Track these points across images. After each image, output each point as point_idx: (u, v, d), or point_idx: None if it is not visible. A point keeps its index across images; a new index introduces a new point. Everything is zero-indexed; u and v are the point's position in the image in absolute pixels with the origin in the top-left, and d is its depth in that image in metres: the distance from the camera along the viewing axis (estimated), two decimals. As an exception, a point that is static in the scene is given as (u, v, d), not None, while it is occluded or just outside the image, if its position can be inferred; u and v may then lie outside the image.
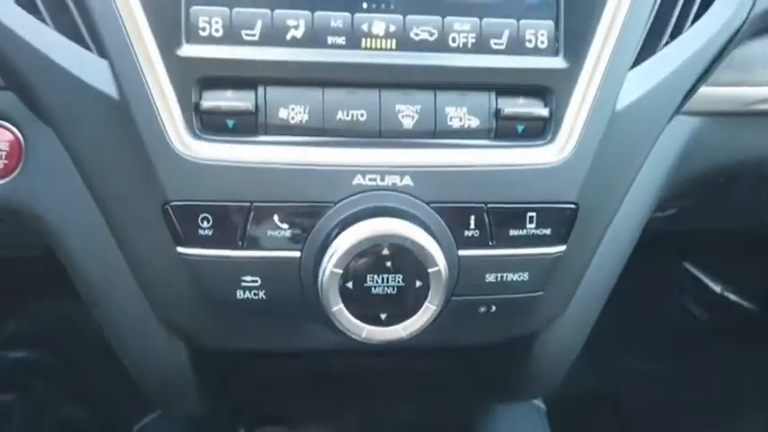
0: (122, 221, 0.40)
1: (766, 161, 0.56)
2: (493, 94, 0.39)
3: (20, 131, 0.43)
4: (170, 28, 0.37)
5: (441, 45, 0.39)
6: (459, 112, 0.39)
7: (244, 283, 0.39)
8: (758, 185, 0.65)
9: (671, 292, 1.03)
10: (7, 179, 0.44)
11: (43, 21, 0.38)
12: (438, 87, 0.39)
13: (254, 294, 0.39)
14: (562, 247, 0.41)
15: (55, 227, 0.43)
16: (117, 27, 0.36)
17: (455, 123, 0.39)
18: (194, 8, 0.37)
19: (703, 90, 0.48)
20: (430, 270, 0.37)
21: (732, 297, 0.99)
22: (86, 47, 0.37)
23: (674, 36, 0.43)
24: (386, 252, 0.36)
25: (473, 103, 0.39)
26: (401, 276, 0.37)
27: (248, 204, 0.38)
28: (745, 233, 0.84)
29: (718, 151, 0.52)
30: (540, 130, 0.40)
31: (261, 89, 0.38)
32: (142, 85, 0.36)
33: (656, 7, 0.42)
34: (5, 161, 0.44)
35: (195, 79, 0.37)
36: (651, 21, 0.42)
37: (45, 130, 0.42)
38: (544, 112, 0.39)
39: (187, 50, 0.37)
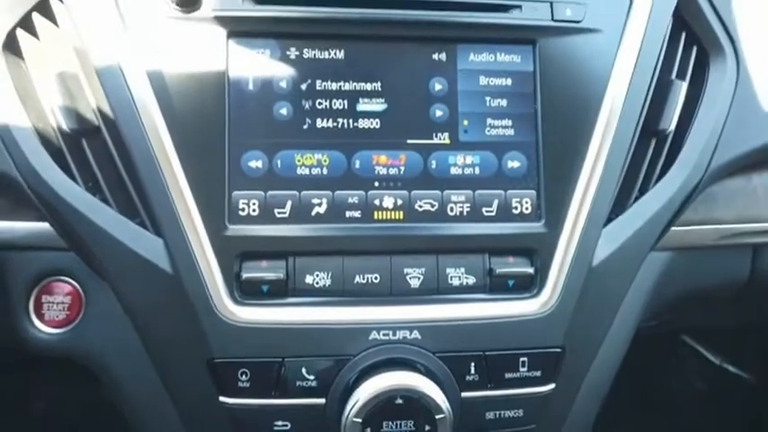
0: (170, 372, 0.46)
1: (737, 284, 0.62)
2: (486, 256, 0.46)
3: (80, 286, 0.50)
4: (216, 211, 0.44)
5: (441, 215, 0.46)
6: (458, 272, 0.46)
7: (276, 427, 0.44)
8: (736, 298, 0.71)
9: (670, 362, 1.06)
10: (68, 328, 0.51)
11: (107, 203, 0.45)
12: (440, 252, 0.46)
13: None
14: (551, 386, 0.47)
15: (110, 372, 0.49)
16: (171, 211, 0.44)
17: (455, 282, 0.46)
18: (236, 192, 0.45)
19: (673, 230, 0.55)
20: (437, 416, 0.42)
21: (731, 369, 1.03)
22: (144, 226, 0.45)
23: (641, 194, 0.51)
24: (399, 401, 0.42)
25: (470, 264, 0.46)
26: (412, 422, 0.42)
27: (280, 360, 0.44)
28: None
29: (688, 280, 0.58)
30: (527, 285, 0.47)
31: (291, 259, 0.45)
32: (192, 260, 0.44)
33: (623, 173, 0.49)
34: (67, 312, 0.51)
35: (236, 254, 0.44)
36: (620, 184, 0.49)
37: (103, 285, 0.49)
38: (530, 270, 0.46)
39: (230, 230, 0.44)
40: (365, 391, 0.42)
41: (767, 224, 0.57)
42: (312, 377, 0.44)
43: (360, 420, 0.42)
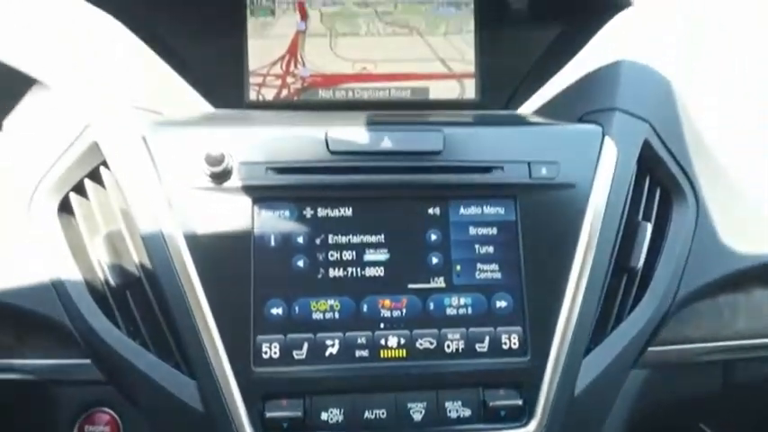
0: None
1: (711, 394, 0.68)
2: (480, 389, 0.52)
3: (119, 416, 0.56)
4: (242, 355, 0.50)
5: (439, 352, 0.53)
6: (456, 405, 0.52)
7: None
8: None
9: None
10: (106, 456, 0.56)
11: (146, 347, 0.52)
12: (439, 387, 0.52)
13: None
14: None
15: None
16: (202, 355, 0.50)
17: (453, 414, 0.52)
18: (259, 337, 0.51)
19: (649, 350, 0.61)
20: None
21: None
22: (179, 369, 0.51)
23: (616, 324, 0.57)
24: None
25: (466, 398, 0.52)
26: None
27: None
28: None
29: (665, 393, 0.64)
30: (517, 415, 0.52)
31: (308, 398, 0.51)
32: (221, 401, 0.49)
33: (599, 307, 0.56)
34: (110, 441, 0.56)
35: (260, 395, 0.50)
36: (597, 317, 0.56)
37: (139, 415, 0.55)
38: (519, 402, 0.52)
39: (255, 373, 0.50)
40: None
41: (733, 342, 0.63)
42: None
43: None
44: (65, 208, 0.55)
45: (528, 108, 0.72)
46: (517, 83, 0.75)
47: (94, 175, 0.55)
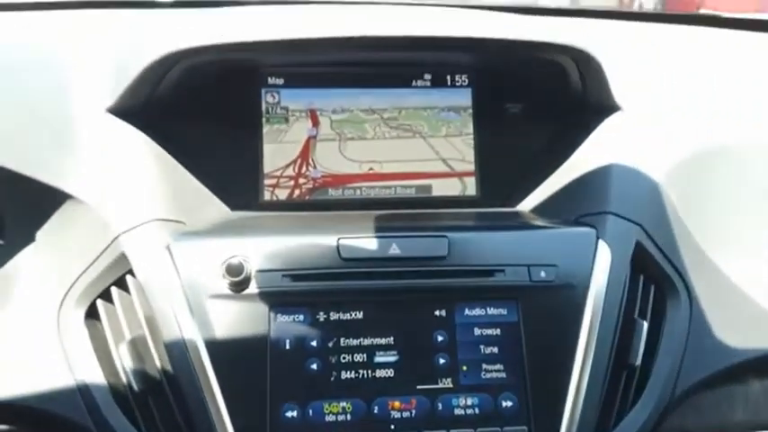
0: None
1: None
2: None
3: None
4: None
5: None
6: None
7: None
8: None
9: None
10: None
11: None
12: None
13: None
14: None
15: None
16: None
17: None
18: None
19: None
20: None
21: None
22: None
23: (618, 420, 0.59)
24: None
25: None
26: None
27: None
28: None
29: None
30: None
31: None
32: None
33: (601, 405, 0.58)
34: None
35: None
36: (599, 414, 0.58)
37: None
38: None
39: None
40: None
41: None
42: None
43: None
44: (92, 314, 0.59)
45: (526, 206, 0.76)
46: (515, 180, 0.79)
47: (120, 283, 0.59)
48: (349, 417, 0.55)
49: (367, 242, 0.59)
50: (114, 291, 0.58)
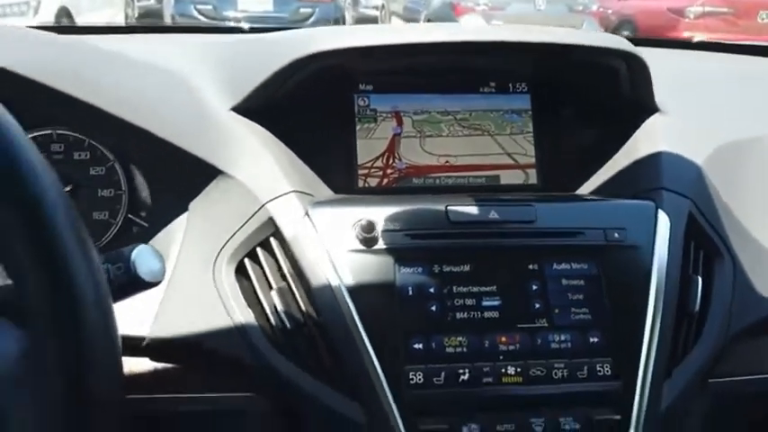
0: None
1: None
2: (586, 408, 0.65)
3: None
4: (396, 381, 0.63)
5: (548, 378, 0.65)
6: (568, 420, 0.64)
7: None
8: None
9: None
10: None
11: (317, 378, 0.64)
12: (552, 406, 0.64)
13: None
14: None
15: None
16: (365, 382, 0.62)
17: (567, 427, 0.64)
18: (407, 367, 0.64)
19: (711, 382, 0.74)
20: None
21: None
22: (344, 394, 0.63)
23: (682, 358, 0.70)
24: None
25: (575, 415, 0.64)
26: None
27: None
28: None
29: (728, 420, 0.76)
30: (617, 429, 0.64)
31: (450, 415, 0.63)
32: (383, 418, 0.61)
33: (670, 344, 0.69)
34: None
35: (413, 413, 0.62)
36: (669, 352, 0.69)
37: None
38: (617, 417, 0.64)
39: (407, 395, 0.63)
40: None
41: None
42: None
43: None
44: (240, 270, 0.69)
45: (583, 191, 0.88)
46: (571, 171, 0.92)
47: (264, 244, 0.70)
48: (465, 349, 0.66)
49: (470, 209, 0.71)
50: (259, 251, 0.69)
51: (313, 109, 0.86)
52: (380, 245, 0.68)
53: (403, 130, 0.92)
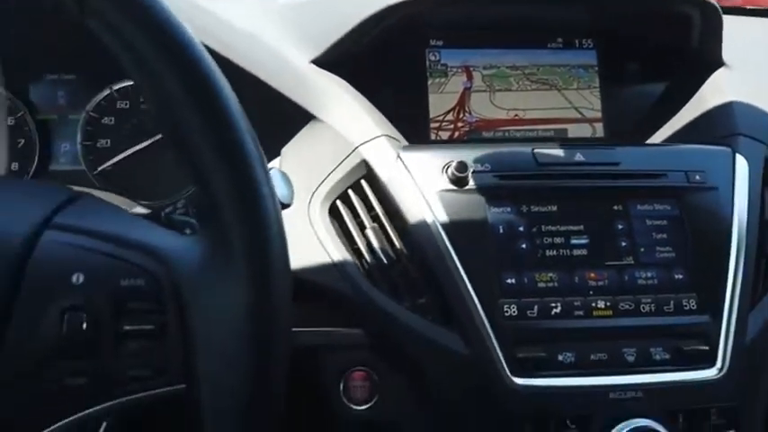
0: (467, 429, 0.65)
1: None
2: (674, 338, 0.67)
3: (376, 374, 0.70)
4: (492, 312, 0.65)
5: (637, 312, 0.67)
6: (658, 350, 0.66)
7: None
8: None
9: None
10: (368, 406, 0.69)
11: (413, 311, 0.67)
12: (643, 337, 0.67)
13: None
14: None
15: None
16: (464, 312, 0.65)
17: (657, 357, 0.66)
18: (501, 300, 0.66)
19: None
20: None
21: None
22: (441, 324, 0.66)
23: (762, 296, 0.72)
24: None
25: (664, 345, 0.66)
26: None
27: (550, 414, 0.63)
28: None
29: None
30: (705, 358, 0.66)
31: (545, 344, 0.65)
32: (482, 347, 0.64)
33: (751, 282, 0.71)
34: (367, 394, 0.70)
35: (510, 342, 0.65)
36: (750, 289, 0.71)
37: (393, 373, 0.68)
38: (705, 347, 0.67)
39: (502, 326, 0.65)
40: None
41: None
42: (574, 426, 0.62)
43: None
44: (331, 212, 0.72)
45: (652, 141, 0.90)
46: (638, 123, 0.94)
47: (355, 187, 0.72)
48: (556, 284, 0.68)
49: (557, 151, 0.73)
50: (351, 192, 0.72)
51: (386, 64, 0.88)
52: (471, 185, 0.70)
53: (473, 84, 0.93)
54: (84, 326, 0.37)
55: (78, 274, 0.38)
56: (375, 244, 0.69)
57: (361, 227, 0.71)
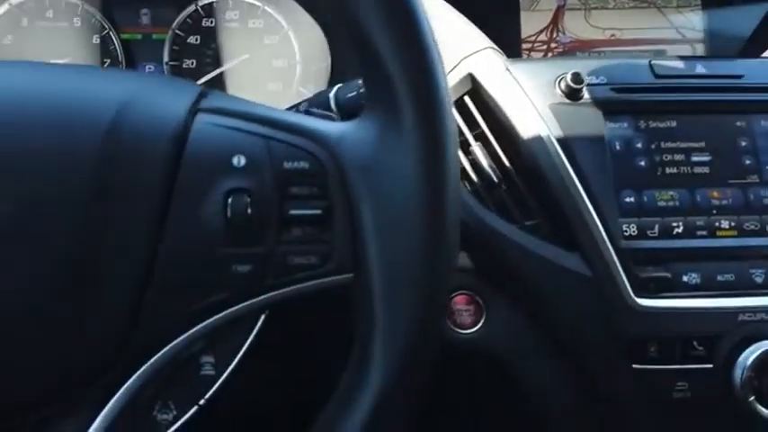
0: (583, 352, 0.62)
1: None
2: None
3: (480, 298, 0.67)
4: (612, 231, 0.62)
5: (763, 231, 0.63)
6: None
7: (677, 387, 0.59)
8: None
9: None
10: (474, 330, 0.67)
11: (527, 231, 0.64)
12: None
13: (684, 395, 0.59)
14: None
15: (512, 362, 0.65)
16: (584, 232, 0.62)
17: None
18: (620, 219, 0.63)
19: None
20: None
21: None
22: (558, 245, 0.63)
23: None
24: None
25: None
26: None
27: (675, 336, 0.60)
28: None
29: None
30: None
31: (668, 265, 0.62)
32: (604, 267, 0.61)
33: None
34: (472, 317, 0.68)
35: (632, 262, 0.61)
36: None
37: (499, 296, 0.66)
38: None
39: (622, 245, 0.62)
40: (747, 354, 0.58)
41: None
42: (701, 348, 0.60)
43: (752, 374, 0.57)
44: None
45: (760, 63, 0.84)
46: (739, 46, 0.87)
47: (458, 102, 0.68)
48: (677, 203, 0.64)
49: (675, 62, 0.68)
50: (454, 110, 0.68)
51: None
52: (586, 99, 0.66)
53: (567, 2, 0.88)
54: (249, 210, 0.35)
55: (239, 156, 0.36)
56: (483, 162, 0.65)
57: (466, 145, 0.67)
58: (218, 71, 0.79)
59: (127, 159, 0.34)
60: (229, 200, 0.35)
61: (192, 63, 0.80)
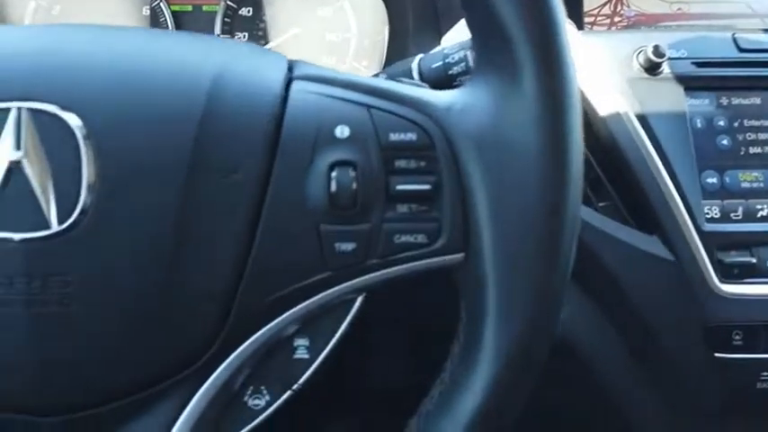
0: (666, 340, 0.59)
1: None
2: None
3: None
4: (695, 215, 0.58)
5: None
6: None
7: (762, 377, 0.57)
8: None
9: None
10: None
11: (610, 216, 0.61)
12: None
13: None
14: None
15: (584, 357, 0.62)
16: (667, 216, 0.59)
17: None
18: (703, 201, 0.60)
19: None
20: None
21: None
22: (638, 229, 0.60)
23: None
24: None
25: None
26: None
27: (761, 323, 0.57)
28: None
29: None
30: None
31: (753, 249, 0.59)
32: (687, 251, 0.58)
33: None
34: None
35: (714, 246, 0.58)
36: None
37: (572, 283, 0.63)
38: None
39: (706, 228, 0.59)
40: None
41: None
42: None
43: None
44: None
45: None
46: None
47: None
48: (762, 184, 0.61)
49: (761, 36, 0.64)
50: None
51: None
52: (666, 73, 0.62)
53: (632, -27, 0.84)
54: (354, 185, 0.32)
55: (342, 126, 0.33)
56: (553, 139, 0.62)
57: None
58: (270, 44, 0.76)
59: (225, 136, 0.32)
60: (333, 173, 0.32)
61: (245, 36, 0.77)
